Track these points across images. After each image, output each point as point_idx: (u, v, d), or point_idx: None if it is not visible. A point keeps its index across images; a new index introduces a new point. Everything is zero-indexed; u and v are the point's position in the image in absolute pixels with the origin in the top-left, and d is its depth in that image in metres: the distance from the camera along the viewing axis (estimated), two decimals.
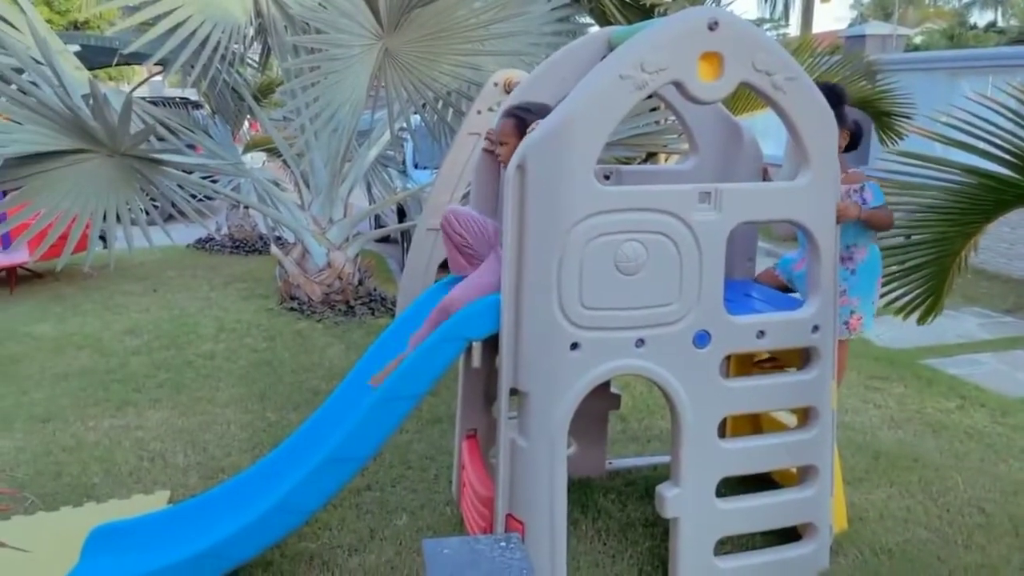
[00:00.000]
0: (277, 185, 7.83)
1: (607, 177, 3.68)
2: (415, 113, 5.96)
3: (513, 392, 2.81)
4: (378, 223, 9.67)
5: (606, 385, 3.78)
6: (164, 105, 8.50)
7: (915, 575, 3.09)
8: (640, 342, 2.73)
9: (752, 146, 3.47)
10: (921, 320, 3.59)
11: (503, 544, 2.01)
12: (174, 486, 3.70)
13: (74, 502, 3.55)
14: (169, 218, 5.93)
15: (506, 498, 2.87)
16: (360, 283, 6.79)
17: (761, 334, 2.87)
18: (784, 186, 2.90)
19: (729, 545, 3.18)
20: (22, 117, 4.51)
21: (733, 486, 3.39)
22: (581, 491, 3.73)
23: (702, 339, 2.79)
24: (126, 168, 5.13)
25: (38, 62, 4.65)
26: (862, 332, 3.68)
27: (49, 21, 24.73)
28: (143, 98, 7.88)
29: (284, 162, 7.76)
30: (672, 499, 2.86)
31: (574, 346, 2.67)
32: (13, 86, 4.56)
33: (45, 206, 4.96)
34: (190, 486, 3.66)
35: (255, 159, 10.48)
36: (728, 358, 3.60)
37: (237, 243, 9.44)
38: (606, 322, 2.68)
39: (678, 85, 2.62)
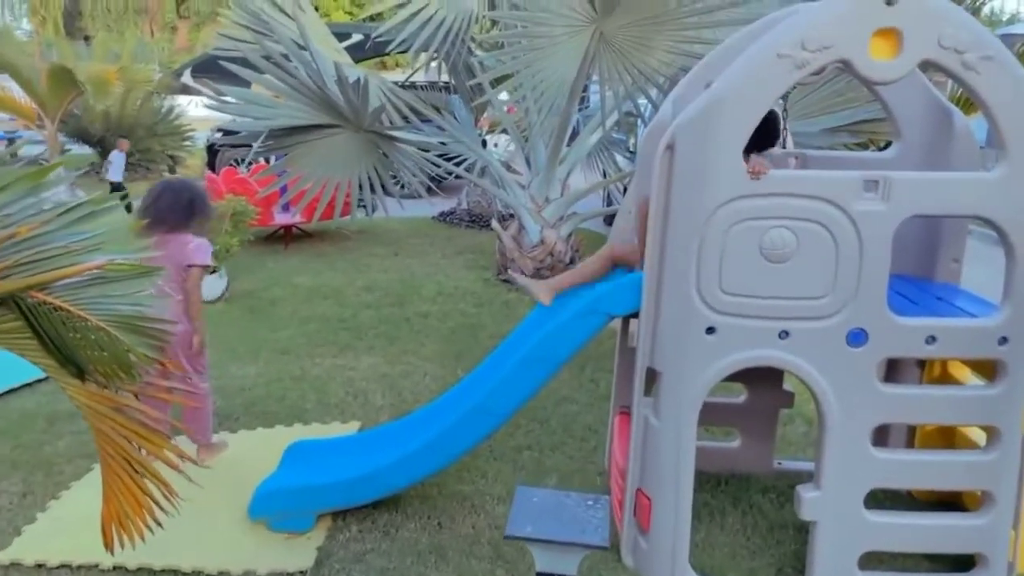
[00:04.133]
0: (508, 166, 8.30)
1: (796, 159, 3.53)
2: (626, 99, 5.99)
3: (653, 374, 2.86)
4: (610, 206, 9.84)
5: (778, 381, 3.65)
6: (421, 89, 9.32)
7: None
8: (784, 334, 2.63)
9: (965, 135, 3.12)
10: None
11: (590, 503, 2.11)
12: (367, 420, 4.22)
13: (287, 422, 4.20)
14: (427, 191, 6.53)
15: (636, 474, 2.93)
16: (571, 261, 7.02)
17: (931, 339, 2.62)
18: (972, 177, 2.60)
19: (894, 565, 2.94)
20: (286, 95, 5.31)
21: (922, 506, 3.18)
22: (739, 485, 3.64)
23: (857, 338, 2.61)
24: (368, 142, 5.82)
25: (301, 47, 5.42)
26: None
27: (350, 13, 27.97)
28: (398, 83, 8.73)
29: None
30: (810, 501, 2.73)
31: (710, 330, 2.65)
32: (300, 75, 5.36)
33: (303, 171, 5.80)
34: (379, 422, 4.15)
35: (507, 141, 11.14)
36: (922, 366, 3.32)
37: (474, 217, 10.16)
38: (746, 309, 2.62)
39: (846, 64, 2.47)
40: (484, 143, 11.60)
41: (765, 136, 2.96)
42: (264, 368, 5.01)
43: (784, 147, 3.48)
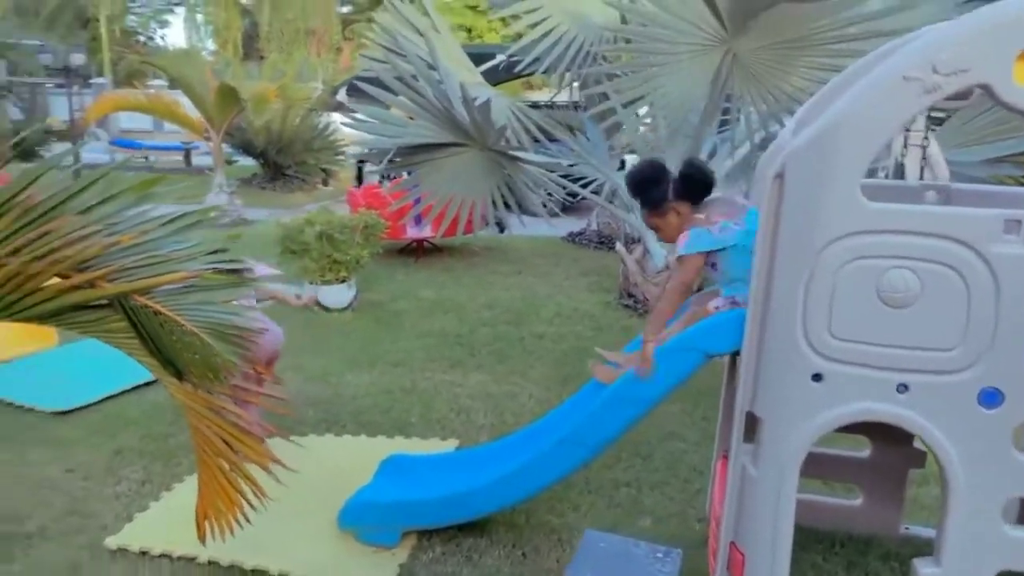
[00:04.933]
0: None
1: (938, 193, 3.19)
2: (759, 129, 5.68)
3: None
4: None
5: (908, 437, 3.29)
6: (555, 108, 9.32)
7: None
8: (903, 387, 2.35)
9: None
10: None
11: (660, 555, 1.96)
12: (466, 439, 4.22)
13: (389, 434, 4.27)
14: (549, 213, 6.52)
15: (731, 526, 2.72)
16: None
17: None
18: None
19: None
20: (415, 114, 5.45)
21: None
22: (856, 548, 3.31)
23: (991, 398, 2.29)
24: (493, 162, 5.86)
25: (431, 67, 5.55)
26: None
27: (493, 31, 28.65)
28: (536, 103, 8.77)
29: None
30: None
31: (816, 377, 2.41)
32: (427, 95, 5.49)
33: (430, 188, 5.93)
34: (478, 441, 4.13)
35: None
36: None
37: (603, 239, 10.04)
38: (859, 357, 2.37)
39: (986, 89, 2.19)
40: (623, 163, 11.45)
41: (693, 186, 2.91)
42: (377, 378, 5.14)
43: (923, 177, 3.15)
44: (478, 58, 7.39)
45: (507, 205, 6.14)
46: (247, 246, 8.47)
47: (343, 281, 6.66)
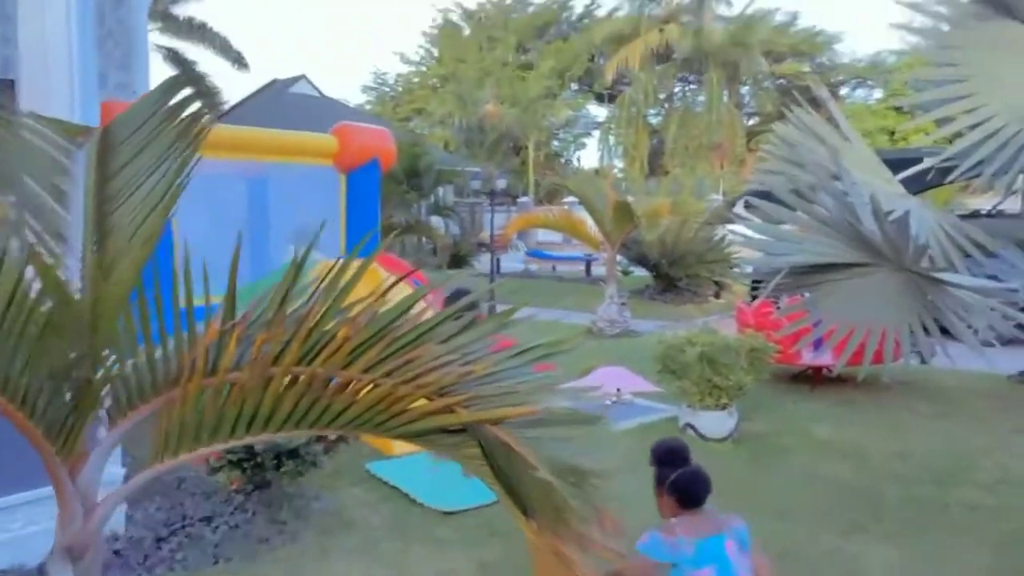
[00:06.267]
0: None
1: None
2: None
3: None
4: None
5: None
6: (988, 217, 7.77)
7: None
8: None
9: None
10: None
11: None
12: None
13: None
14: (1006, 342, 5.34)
15: None
16: None
17: None
18: None
19: None
20: (812, 229, 4.85)
21: None
22: None
23: None
24: (911, 284, 4.93)
25: (835, 177, 4.92)
26: None
27: (922, 131, 25.87)
28: (971, 212, 7.44)
29: None
30: None
31: None
32: (829, 208, 4.92)
33: (830, 311, 5.19)
34: None
35: None
36: None
37: None
38: None
39: None
40: None
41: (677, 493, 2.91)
42: (754, 528, 4.42)
43: None
44: (898, 164, 6.49)
45: (926, 330, 5.09)
46: (631, 359, 8.47)
47: (723, 408, 6.14)
